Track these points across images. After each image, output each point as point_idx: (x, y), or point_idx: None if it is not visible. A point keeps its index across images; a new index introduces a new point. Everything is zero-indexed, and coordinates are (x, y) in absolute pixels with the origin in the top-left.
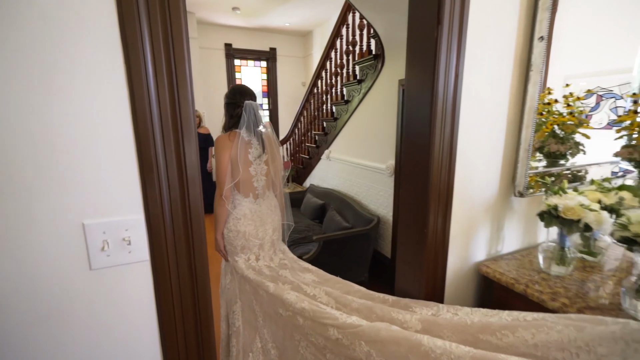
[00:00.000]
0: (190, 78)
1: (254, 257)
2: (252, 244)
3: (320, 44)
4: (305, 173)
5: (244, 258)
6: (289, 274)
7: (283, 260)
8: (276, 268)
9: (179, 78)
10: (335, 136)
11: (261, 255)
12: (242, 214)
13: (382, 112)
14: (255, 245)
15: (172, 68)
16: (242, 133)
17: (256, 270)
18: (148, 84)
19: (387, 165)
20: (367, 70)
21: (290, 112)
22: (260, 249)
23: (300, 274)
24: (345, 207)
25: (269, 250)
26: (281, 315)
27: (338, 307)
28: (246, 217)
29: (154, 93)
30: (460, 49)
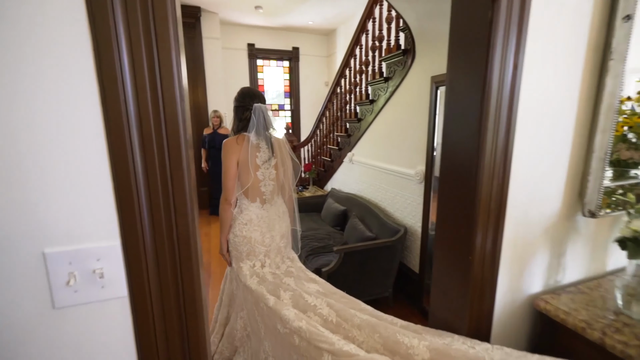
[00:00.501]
0: (179, 71)
1: (260, 264)
2: (258, 250)
3: (344, 42)
4: (327, 176)
5: (249, 265)
6: (292, 282)
7: (290, 268)
8: (281, 275)
9: (163, 73)
10: (358, 138)
11: (267, 263)
12: (248, 219)
13: (411, 112)
14: (261, 252)
15: (155, 61)
16: (250, 136)
17: (260, 276)
18: (124, 80)
19: (416, 171)
20: (394, 67)
21: (312, 112)
22: (266, 256)
23: (305, 284)
24: (368, 215)
25: (276, 257)
26: (279, 332)
27: (338, 322)
28: (252, 223)
29: (130, 91)
30: (522, 32)
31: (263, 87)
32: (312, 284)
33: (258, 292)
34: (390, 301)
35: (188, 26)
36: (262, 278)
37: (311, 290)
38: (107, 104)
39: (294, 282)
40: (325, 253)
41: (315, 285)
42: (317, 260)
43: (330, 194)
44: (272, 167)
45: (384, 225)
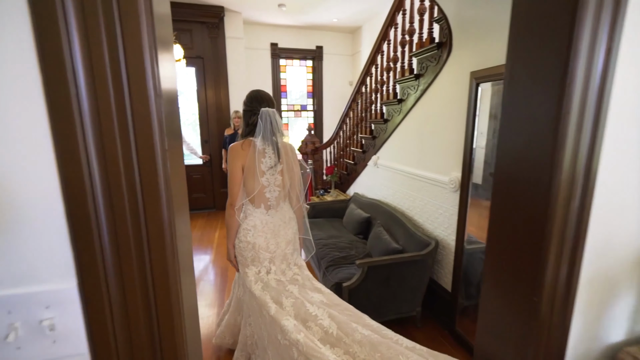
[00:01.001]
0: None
1: (265, 271)
2: (262, 256)
3: (369, 40)
4: (350, 180)
5: (254, 271)
6: (296, 290)
7: (296, 275)
8: (285, 282)
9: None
10: (384, 140)
11: (272, 269)
12: (253, 225)
13: (445, 112)
14: (265, 258)
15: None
16: (256, 142)
17: (264, 282)
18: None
19: (450, 178)
20: (427, 63)
21: (335, 113)
22: (271, 263)
23: (309, 293)
24: (394, 224)
25: (281, 264)
26: (280, 343)
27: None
28: (257, 229)
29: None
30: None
31: (285, 87)
32: (316, 294)
33: (261, 299)
34: (417, 321)
35: (211, 26)
36: (266, 284)
37: (314, 300)
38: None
39: (298, 290)
40: (347, 265)
41: (319, 295)
42: (337, 272)
43: (352, 199)
44: (278, 173)
45: (412, 236)
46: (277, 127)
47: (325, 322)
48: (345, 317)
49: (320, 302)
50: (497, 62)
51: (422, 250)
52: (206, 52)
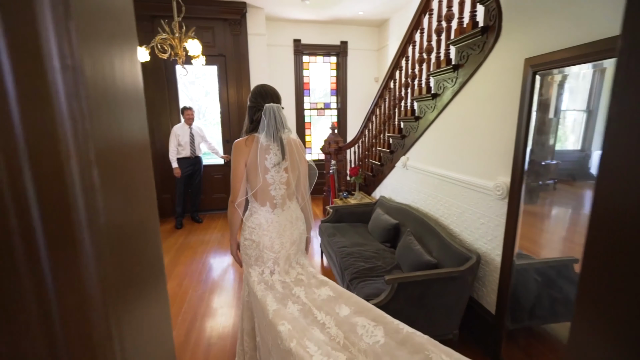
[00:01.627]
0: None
1: (269, 271)
2: (266, 256)
3: (397, 32)
4: (375, 182)
5: (258, 271)
6: (303, 293)
7: (300, 275)
8: (291, 284)
9: None
10: (415, 139)
11: (276, 270)
12: (257, 223)
13: (490, 107)
14: (269, 258)
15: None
16: (260, 138)
17: (268, 284)
18: None
19: (496, 184)
20: (468, 51)
21: (360, 111)
22: (275, 264)
23: (315, 291)
24: (426, 233)
25: (285, 265)
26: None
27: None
28: (261, 227)
29: None
30: None
31: (308, 85)
32: (323, 289)
33: (262, 301)
34: (454, 345)
35: (233, 23)
36: (271, 286)
37: (323, 297)
38: None
39: (305, 292)
40: (374, 278)
41: (326, 288)
42: (363, 287)
43: (379, 203)
44: (283, 171)
45: (448, 248)
46: (282, 122)
47: (332, 332)
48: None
49: (328, 296)
50: (562, 46)
51: (461, 265)
52: (228, 49)
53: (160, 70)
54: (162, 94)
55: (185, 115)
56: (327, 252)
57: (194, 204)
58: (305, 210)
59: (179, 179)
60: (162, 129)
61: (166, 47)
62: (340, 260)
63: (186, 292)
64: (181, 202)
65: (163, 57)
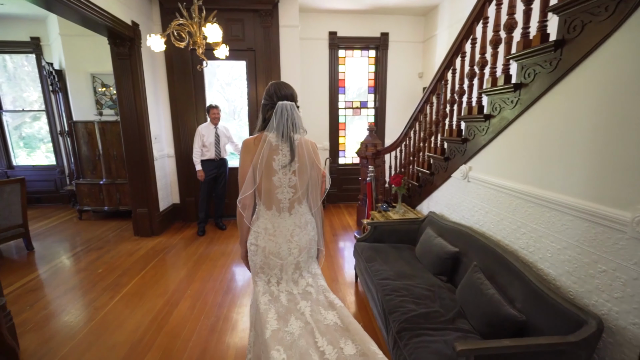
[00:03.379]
0: None
1: (275, 280)
2: (272, 263)
3: (449, 19)
4: (422, 194)
5: (264, 279)
6: (308, 309)
7: (309, 287)
8: (297, 296)
9: None
10: (484, 144)
11: (283, 279)
12: (263, 227)
13: (622, 98)
14: (276, 265)
15: None
16: (269, 137)
17: (274, 295)
18: None
19: (636, 218)
20: (582, 19)
21: (400, 110)
22: (282, 271)
23: (322, 312)
24: (502, 270)
25: (293, 274)
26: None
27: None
28: (267, 232)
29: None
30: None
31: (344, 82)
32: (330, 312)
33: (263, 315)
34: None
35: (264, 14)
36: (275, 298)
37: (328, 322)
38: None
39: (310, 310)
40: (431, 332)
41: (333, 314)
42: (418, 346)
43: (428, 221)
44: (292, 173)
45: (541, 300)
46: (295, 122)
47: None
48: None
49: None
50: None
51: (569, 330)
52: (258, 43)
53: (187, 65)
54: (187, 90)
55: (211, 114)
56: (364, 281)
57: (218, 209)
58: (317, 217)
59: (202, 182)
60: (188, 128)
61: (184, 34)
62: (383, 298)
63: (197, 319)
64: (204, 207)
65: (180, 45)
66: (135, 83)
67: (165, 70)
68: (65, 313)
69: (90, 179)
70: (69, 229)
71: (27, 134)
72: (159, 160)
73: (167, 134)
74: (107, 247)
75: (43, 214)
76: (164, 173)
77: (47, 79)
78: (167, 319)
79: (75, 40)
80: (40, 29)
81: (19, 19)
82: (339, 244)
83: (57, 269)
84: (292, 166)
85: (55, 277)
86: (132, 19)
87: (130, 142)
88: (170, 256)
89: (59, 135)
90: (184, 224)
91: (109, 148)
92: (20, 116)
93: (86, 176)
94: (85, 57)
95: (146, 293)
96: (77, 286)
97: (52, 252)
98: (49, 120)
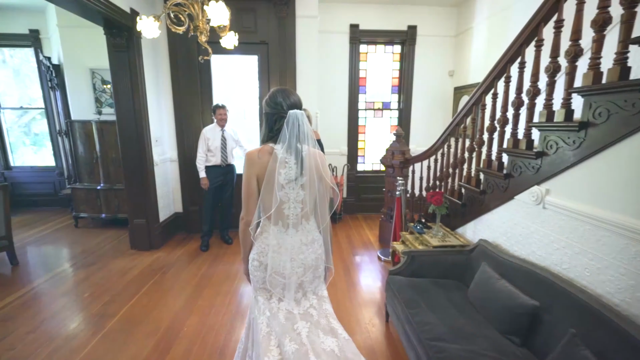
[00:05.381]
0: None
1: (276, 298)
2: (275, 281)
3: (488, 9)
4: (466, 214)
5: (265, 296)
6: (306, 331)
7: (311, 309)
8: (296, 316)
9: None
10: (574, 162)
11: (286, 297)
12: (267, 243)
13: None
14: (278, 284)
15: None
16: (277, 149)
17: (272, 312)
18: None
19: None
20: None
21: (428, 112)
22: (285, 290)
23: (321, 336)
24: (622, 349)
25: (297, 293)
26: None
27: None
28: (271, 248)
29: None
30: None
31: (365, 80)
32: (329, 339)
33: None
34: None
35: (279, 3)
36: (274, 315)
37: (325, 346)
38: None
39: (308, 330)
40: None
41: (333, 340)
42: None
43: (480, 252)
44: (299, 188)
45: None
46: (305, 132)
47: None
48: None
49: (331, 352)
50: None
51: None
52: (272, 36)
53: (192, 58)
54: (192, 88)
55: (217, 115)
56: (404, 332)
57: (224, 221)
58: (324, 235)
59: (207, 191)
60: (193, 130)
61: (183, 17)
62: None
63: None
64: (208, 219)
65: (178, 30)
66: (134, 78)
67: (168, 64)
68: (33, 357)
69: (87, 184)
70: (62, 238)
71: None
72: (160, 165)
73: (170, 135)
74: (100, 262)
75: (39, 219)
76: (166, 179)
77: (45, 74)
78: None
79: (73, 32)
80: (39, 20)
81: (18, 9)
82: (359, 265)
83: (38, 291)
84: (300, 180)
85: (34, 303)
86: (130, 6)
87: (128, 145)
88: (168, 278)
89: (57, 135)
90: (187, 235)
91: (108, 150)
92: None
93: (83, 180)
94: (84, 50)
95: (134, 330)
96: (56, 316)
97: (37, 268)
98: (48, 119)
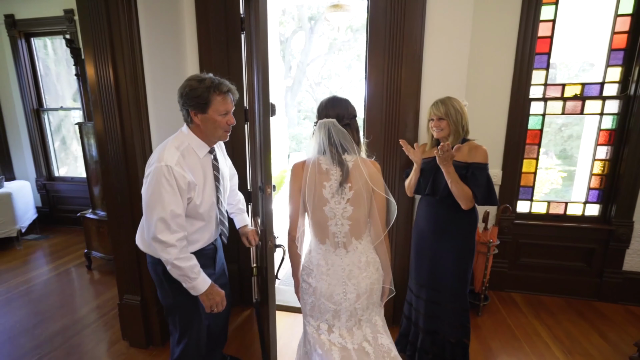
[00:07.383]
0: None
1: (326, 327)
2: (324, 307)
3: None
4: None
5: (314, 325)
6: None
7: (365, 342)
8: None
9: None
10: None
11: (336, 326)
12: (316, 264)
13: None
14: (328, 310)
15: None
16: (320, 160)
17: (325, 349)
18: None
19: None
20: None
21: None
22: (335, 318)
23: None
24: None
25: (348, 322)
26: None
27: None
28: (320, 270)
29: None
30: None
31: (548, 44)
32: None
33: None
34: None
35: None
36: (326, 352)
37: None
38: None
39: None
40: None
41: None
42: None
43: None
44: (346, 202)
45: None
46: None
47: None
48: None
49: None
50: None
51: None
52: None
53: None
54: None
55: None
56: None
57: None
58: (382, 253)
59: None
60: None
61: None
62: None
63: None
64: None
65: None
66: (121, 50)
67: (194, 27)
68: None
69: (100, 212)
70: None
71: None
72: None
73: None
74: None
75: (61, 248)
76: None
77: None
78: None
79: None
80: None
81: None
82: None
83: None
84: (344, 193)
85: None
86: None
87: (110, 167)
88: None
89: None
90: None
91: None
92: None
93: (96, 207)
94: None
95: None
96: None
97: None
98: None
